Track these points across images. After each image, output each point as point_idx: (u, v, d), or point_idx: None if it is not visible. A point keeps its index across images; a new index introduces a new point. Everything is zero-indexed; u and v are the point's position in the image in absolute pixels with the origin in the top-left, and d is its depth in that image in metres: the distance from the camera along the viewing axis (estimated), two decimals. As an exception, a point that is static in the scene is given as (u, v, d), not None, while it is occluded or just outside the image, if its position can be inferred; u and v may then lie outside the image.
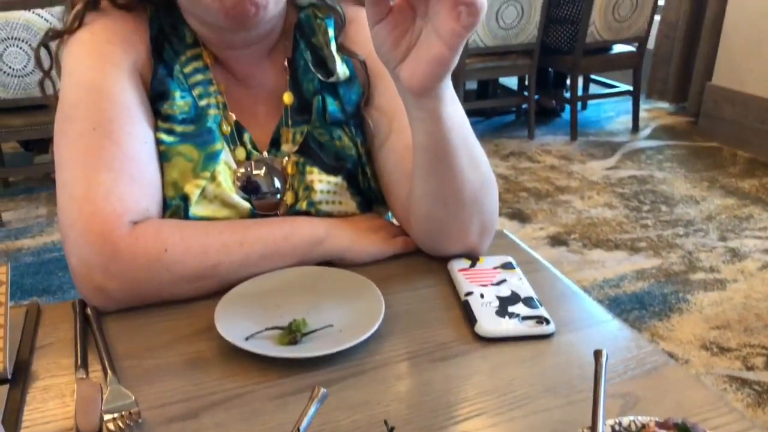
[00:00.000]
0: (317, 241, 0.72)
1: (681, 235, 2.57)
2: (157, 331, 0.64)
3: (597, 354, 0.45)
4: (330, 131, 0.79)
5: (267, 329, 0.61)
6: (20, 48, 2.49)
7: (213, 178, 0.73)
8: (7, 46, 2.46)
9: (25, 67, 2.52)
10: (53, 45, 0.78)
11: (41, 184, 3.13)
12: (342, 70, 0.79)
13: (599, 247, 2.49)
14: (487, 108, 4.08)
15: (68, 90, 0.71)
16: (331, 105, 0.79)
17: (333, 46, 0.79)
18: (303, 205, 0.77)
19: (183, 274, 0.66)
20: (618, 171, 3.22)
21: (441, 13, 0.53)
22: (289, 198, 0.78)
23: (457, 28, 0.53)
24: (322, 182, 0.77)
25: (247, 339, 0.60)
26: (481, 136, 3.68)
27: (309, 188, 0.77)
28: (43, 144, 3.11)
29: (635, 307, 2.08)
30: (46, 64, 0.78)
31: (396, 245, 0.77)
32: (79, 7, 0.75)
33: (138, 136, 0.70)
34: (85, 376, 0.57)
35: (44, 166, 3.02)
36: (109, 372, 0.57)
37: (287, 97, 0.79)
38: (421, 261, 0.75)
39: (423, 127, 0.63)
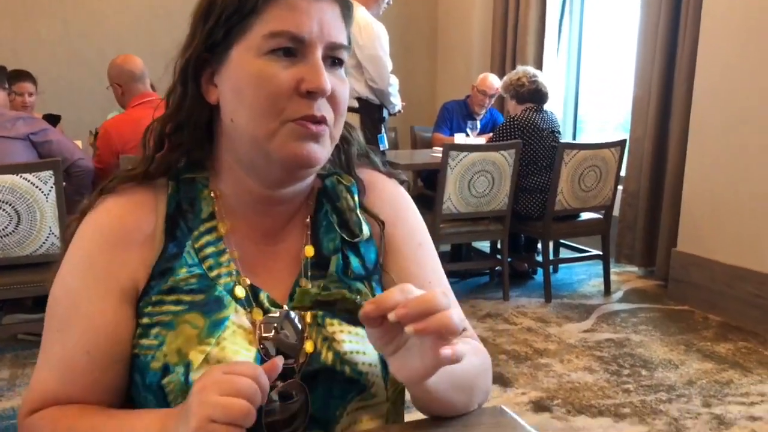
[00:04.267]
0: None
1: (664, 400, 2.53)
2: None
3: None
4: (348, 285, 0.82)
5: None
6: (3, 210, 2.51)
7: (218, 344, 0.75)
8: (-10, 208, 2.49)
9: (6, 227, 2.53)
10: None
11: (6, 344, 3.01)
12: (365, 230, 0.85)
13: (583, 414, 2.42)
14: (462, 270, 4.15)
15: (57, 285, 0.80)
16: (354, 261, 0.83)
17: (358, 211, 0.86)
18: (329, 357, 0.77)
19: None
20: (595, 334, 3.23)
21: (425, 342, 0.62)
22: (308, 347, 0.78)
23: (434, 361, 0.62)
24: (344, 332, 0.79)
25: None
26: (458, 297, 3.65)
27: (329, 339, 0.78)
28: (15, 303, 3.03)
29: (626, 480, 1.99)
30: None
31: None
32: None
33: (89, 337, 0.77)
34: None
35: (12, 327, 2.92)
36: None
37: (309, 250, 0.83)
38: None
39: (411, 390, 0.73)
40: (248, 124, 0.75)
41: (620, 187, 3.97)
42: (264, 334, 0.77)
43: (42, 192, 2.55)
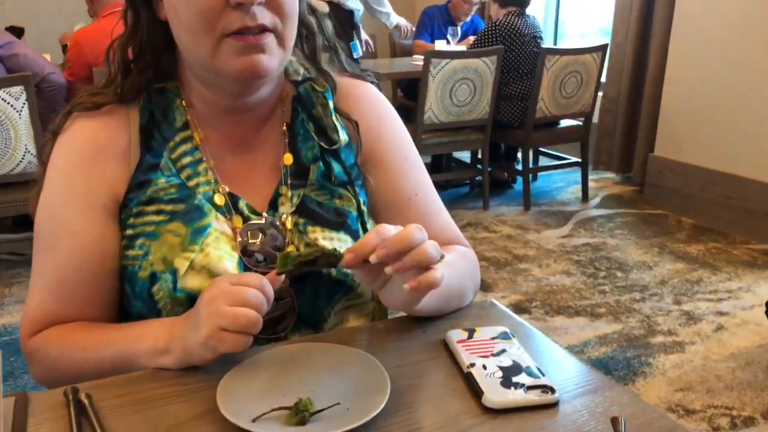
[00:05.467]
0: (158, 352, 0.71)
1: (638, 299, 2.64)
2: (156, 416, 0.62)
3: (614, 421, 0.47)
4: (331, 191, 0.84)
5: (273, 410, 0.60)
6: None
7: (201, 250, 0.77)
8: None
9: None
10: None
11: (-10, 264, 3.02)
12: (343, 136, 0.85)
13: (561, 314, 2.53)
14: (442, 180, 4.18)
15: (40, 207, 0.81)
16: (336, 167, 0.85)
17: (334, 117, 0.85)
18: None
19: (62, 373, 0.76)
20: (572, 239, 3.32)
21: (408, 273, 0.64)
22: (290, 251, 0.80)
23: (412, 294, 0.66)
24: (326, 239, 0.81)
25: (254, 421, 0.59)
26: (439, 207, 3.73)
27: (311, 245, 0.80)
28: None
29: (601, 372, 2.10)
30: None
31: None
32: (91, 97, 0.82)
33: (79, 254, 0.78)
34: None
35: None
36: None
37: (288, 158, 0.84)
38: (417, 334, 0.76)
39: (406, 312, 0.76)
40: (188, 43, 0.75)
41: (600, 94, 3.96)
42: (251, 240, 0.79)
43: (14, 108, 2.48)
